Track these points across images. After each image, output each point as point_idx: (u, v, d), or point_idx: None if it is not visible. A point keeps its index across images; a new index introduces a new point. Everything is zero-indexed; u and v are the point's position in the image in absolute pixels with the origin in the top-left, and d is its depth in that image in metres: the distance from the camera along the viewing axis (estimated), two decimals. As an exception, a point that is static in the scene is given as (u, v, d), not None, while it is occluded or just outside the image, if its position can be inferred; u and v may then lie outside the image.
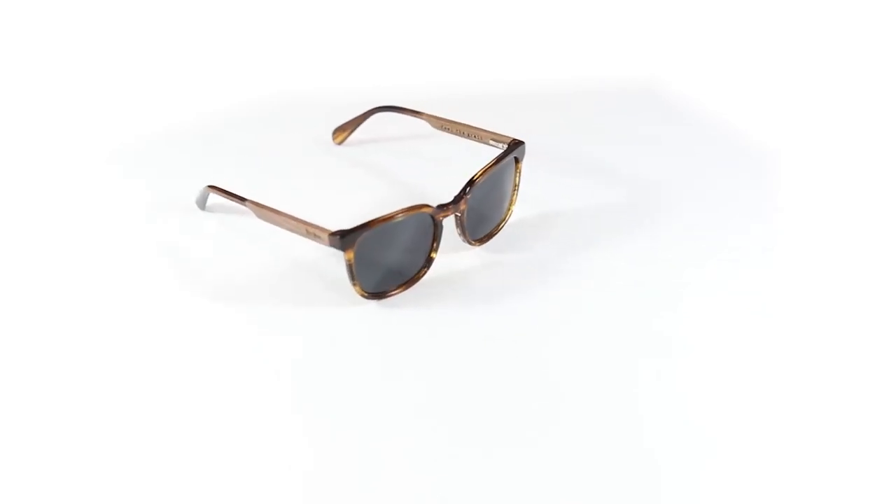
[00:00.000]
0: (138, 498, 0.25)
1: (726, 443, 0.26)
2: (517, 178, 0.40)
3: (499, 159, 0.37)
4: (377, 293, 0.34)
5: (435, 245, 0.35)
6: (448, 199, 0.35)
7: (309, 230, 0.33)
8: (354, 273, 0.33)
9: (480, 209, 0.37)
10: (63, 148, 0.52)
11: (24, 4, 0.63)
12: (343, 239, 0.32)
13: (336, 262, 0.36)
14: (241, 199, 0.37)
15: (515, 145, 0.39)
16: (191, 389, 0.29)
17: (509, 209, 0.40)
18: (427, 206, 0.34)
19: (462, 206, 0.35)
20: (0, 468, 0.26)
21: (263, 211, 0.35)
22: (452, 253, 0.37)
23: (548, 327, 0.32)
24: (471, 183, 0.36)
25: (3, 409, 0.28)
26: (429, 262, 0.35)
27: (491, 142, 0.41)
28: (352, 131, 0.52)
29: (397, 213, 0.33)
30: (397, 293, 0.34)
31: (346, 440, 0.27)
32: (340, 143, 0.52)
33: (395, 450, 0.26)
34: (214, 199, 0.41)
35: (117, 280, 0.36)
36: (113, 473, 0.25)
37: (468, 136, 0.43)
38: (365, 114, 0.52)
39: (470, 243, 0.38)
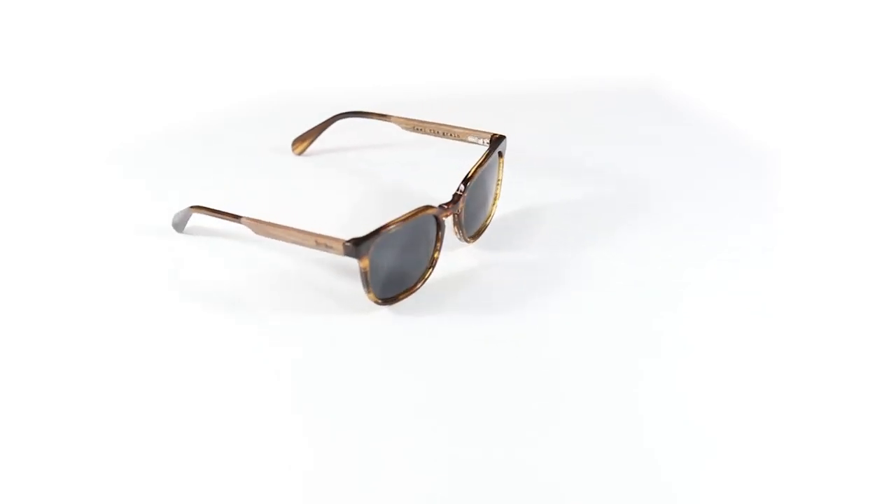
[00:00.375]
0: (140, 498, 0.25)
1: (726, 443, 0.26)
2: (500, 173, 0.40)
3: (487, 155, 0.38)
4: (389, 298, 0.34)
5: (438, 245, 0.35)
6: (435, 198, 0.35)
7: (319, 241, 0.32)
8: (369, 280, 0.32)
9: (473, 206, 0.38)
10: (63, 148, 0.52)
11: (24, 5, 0.63)
12: (358, 247, 0.31)
13: (325, 265, 0.36)
14: (236, 217, 0.36)
15: (498, 140, 0.39)
16: (190, 390, 0.29)
17: (494, 203, 0.40)
18: (431, 207, 0.34)
19: (461, 204, 0.36)
20: (2, 476, 0.26)
21: (262, 226, 0.34)
22: (449, 252, 0.37)
23: (547, 327, 0.32)
24: (466, 181, 0.36)
25: (4, 412, 0.28)
26: (433, 262, 0.35)
27: (471, 139, 0.41)
28: (312, 140, 0.50)
29: (405, 216, 0.33)
30: (408, 296, 0.34)
31: (346, 440, 0.27)
32: (300, 153, 0.50)
33: (395, 450, 0.26)
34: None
35: (116, 281, 0.36)
36: (114, 474, 0.25)
37: (444, 136, 0.42)
38: (326, 122, 0.50)
39: (466, 241, 0.38)
